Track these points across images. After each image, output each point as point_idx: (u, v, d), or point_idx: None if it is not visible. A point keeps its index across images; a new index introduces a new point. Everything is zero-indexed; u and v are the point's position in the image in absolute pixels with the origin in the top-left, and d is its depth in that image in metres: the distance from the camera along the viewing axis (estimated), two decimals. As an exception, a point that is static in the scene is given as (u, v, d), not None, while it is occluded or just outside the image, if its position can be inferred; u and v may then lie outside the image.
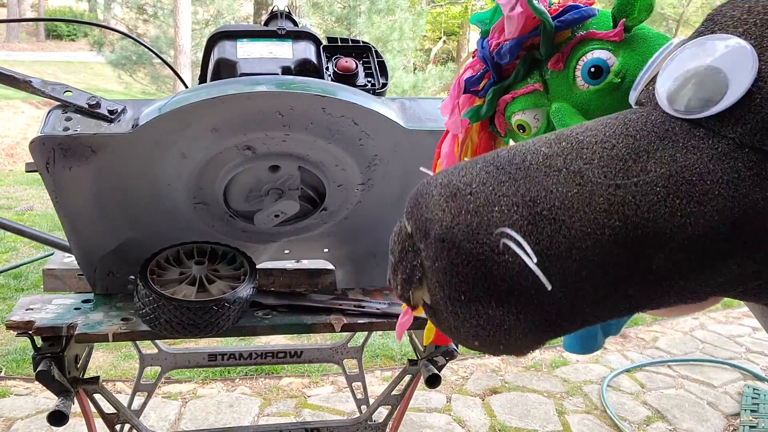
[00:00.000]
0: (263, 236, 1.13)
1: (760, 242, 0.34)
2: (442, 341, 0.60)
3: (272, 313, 1.11)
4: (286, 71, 1.00)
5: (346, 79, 1.04)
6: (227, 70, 1.01)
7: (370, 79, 1.06)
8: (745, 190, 0.33)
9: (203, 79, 1.07)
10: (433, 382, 1.17)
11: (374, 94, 1.03)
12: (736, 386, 2.68)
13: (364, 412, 1.47)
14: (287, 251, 1.23)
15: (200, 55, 1.22)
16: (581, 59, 0.48)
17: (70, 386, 1.03)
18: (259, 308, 1.12)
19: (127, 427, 1.27)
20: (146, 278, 0.97)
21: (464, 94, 0.56)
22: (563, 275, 0.34)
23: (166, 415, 2.20)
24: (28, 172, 0.94)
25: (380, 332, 2.80)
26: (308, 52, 1.04)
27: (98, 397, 1.10)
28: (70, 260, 1.21)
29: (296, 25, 1.12)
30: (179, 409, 2.24)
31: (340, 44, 1.09)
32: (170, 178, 0.97)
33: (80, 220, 0.99)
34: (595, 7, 0.50)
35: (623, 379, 2.71)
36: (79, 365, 1.09)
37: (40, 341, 1.00)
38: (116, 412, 1.13)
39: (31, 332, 0.98)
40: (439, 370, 1.18)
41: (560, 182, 0.34)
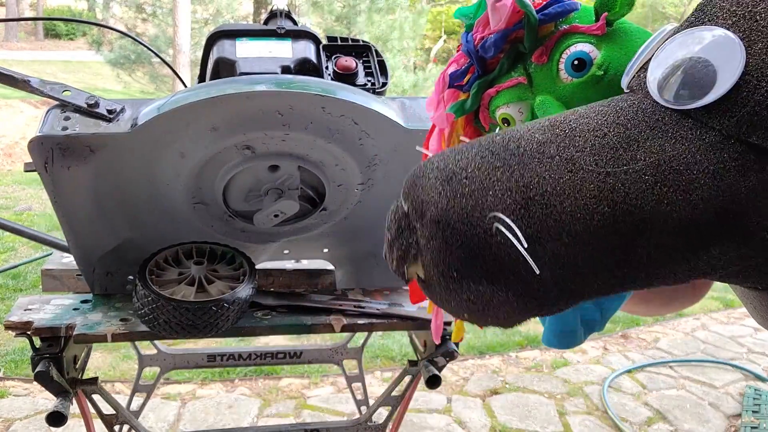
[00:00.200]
0: (262, 236, 1.13)
1: (741, 229, 0.35)
2: (419, 299, 0.62)
3: (272, 313, 1.11)
4: (285, 70, 1.00)
5: (345, 78, 1.03)
6: (226, 69, 1.00)
7: (370, 78, 1.06)
8: (729, 180, 0.34)
9: (202, 78, 1.06)
10: (433, 382, 1.16)
11: (374, 93, 1.02)
12: (737, 387, 2.68)
13: (364, 413, 1.46)
14: (287, 251, 1.23)
15: (199, 54, 1.22)
16: (565, 52, 0.49)
17: (68, 387, 1.02)
18: (258, 309, 1.12)
19: (126, 428, 1.26)
20: (145, 278, 0.97)
21: (449, 88, 0.56)
22: (552, 257, 0.36)
23: (165, 416, 2.19)
24: (26, 171, 0.94)
25: (380, 333, 2.80)
26: (308, 51, 1.03)
27: (97, 397, 1.10)
28: (68, 260, 1.20)
29: (296, 24, 1.11)
30: (178, 410, 2.24)
31: (339, 43, 1.09)
32: (169, 177, 0.96)
33: (79, 220, 0.98)
34: (577, 1, 0.50)
35: (624, 379, 2.71)
36: (77, 366, 1.09)
37: (38, 342, 1.00)
38: (115, 412, 1.13)
39: (29, 333, 0.98)
40: (439, 370, 1.18)
41: (553, 169, 0.36)
